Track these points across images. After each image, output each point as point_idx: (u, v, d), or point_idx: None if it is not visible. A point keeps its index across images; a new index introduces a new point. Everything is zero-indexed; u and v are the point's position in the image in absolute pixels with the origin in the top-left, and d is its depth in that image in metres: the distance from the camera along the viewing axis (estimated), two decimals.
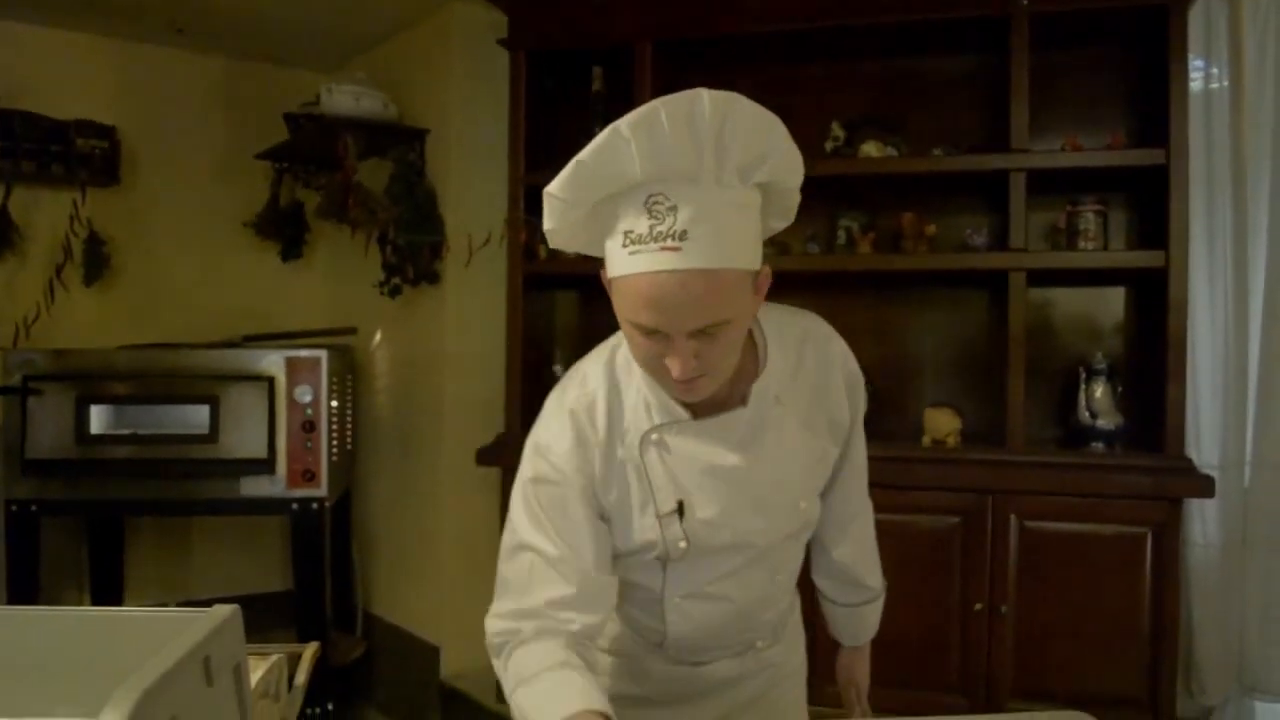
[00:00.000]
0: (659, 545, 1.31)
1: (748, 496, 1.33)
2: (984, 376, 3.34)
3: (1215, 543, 3.47)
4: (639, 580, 1.39)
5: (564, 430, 1.30)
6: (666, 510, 1.30)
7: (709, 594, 1.38)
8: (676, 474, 1.30)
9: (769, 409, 1.33)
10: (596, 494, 1.30)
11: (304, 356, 3.29)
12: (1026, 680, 2.97)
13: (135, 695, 0.69)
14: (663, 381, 1.23)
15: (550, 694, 1.16)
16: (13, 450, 3.22)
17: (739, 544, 1.36)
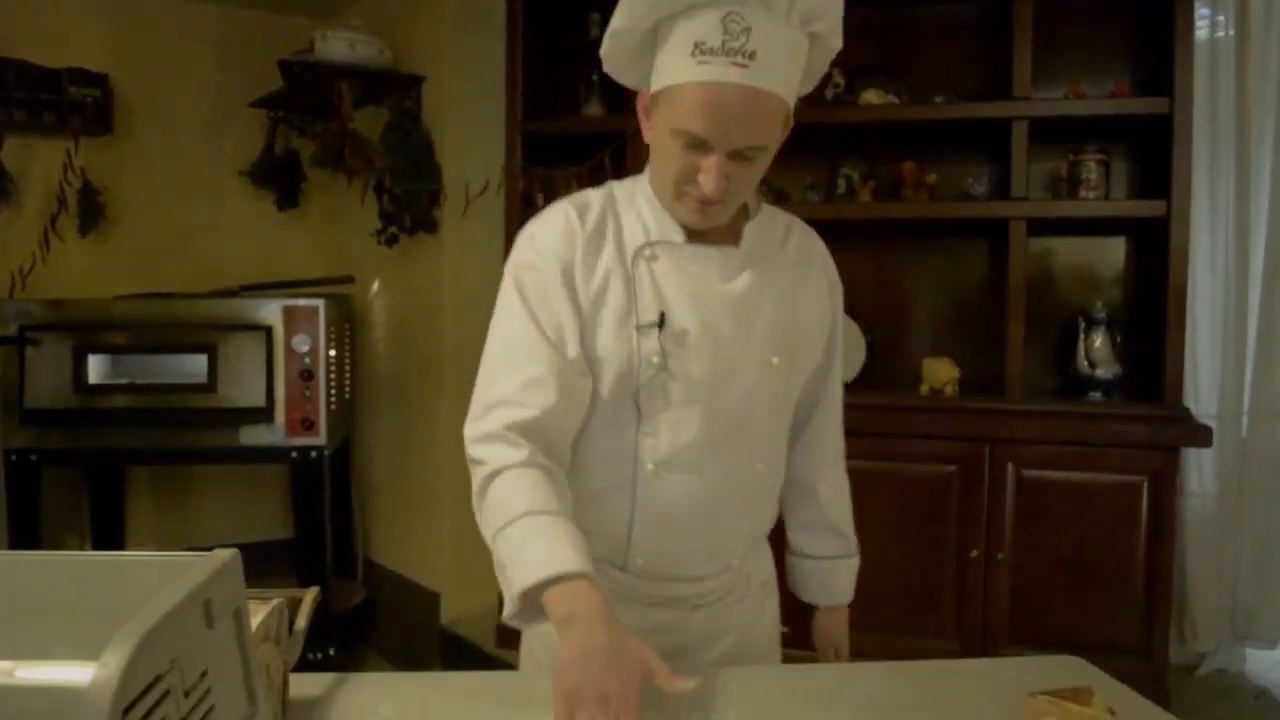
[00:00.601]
0: (634, 359, 1.30)
1: (729, 329, 1.33)
2: (983, 326, 3.34)
3: (1211, 492, 3.49)
4: (611, 447, 1.34)
5: (553, 220, 1.36)
6: (647, 320, 1.30)
7: (683, 463, 1.33)
8: (663, 291, 1.32)
9: (758, 259, 1.37)
10: (575, 283, 1.31)
11: (301, 306, 3.28)
12: (1021, 627, 2.99)
13: (136, 638, 0.69)
14: (680, 201, 1.30)
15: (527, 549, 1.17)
16: (11, 400, 3.22)
17: (717, 381, 1.32)
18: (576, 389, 1.30)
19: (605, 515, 1.36)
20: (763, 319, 1.36)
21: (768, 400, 1.40)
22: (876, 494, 3.06)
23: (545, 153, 3.38)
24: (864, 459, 3.06)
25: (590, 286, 1.32)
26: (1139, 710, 1.22)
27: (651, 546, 1.37)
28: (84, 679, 0.66)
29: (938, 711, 1.21)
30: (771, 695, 1.24)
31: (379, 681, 1.30)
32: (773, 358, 1.37)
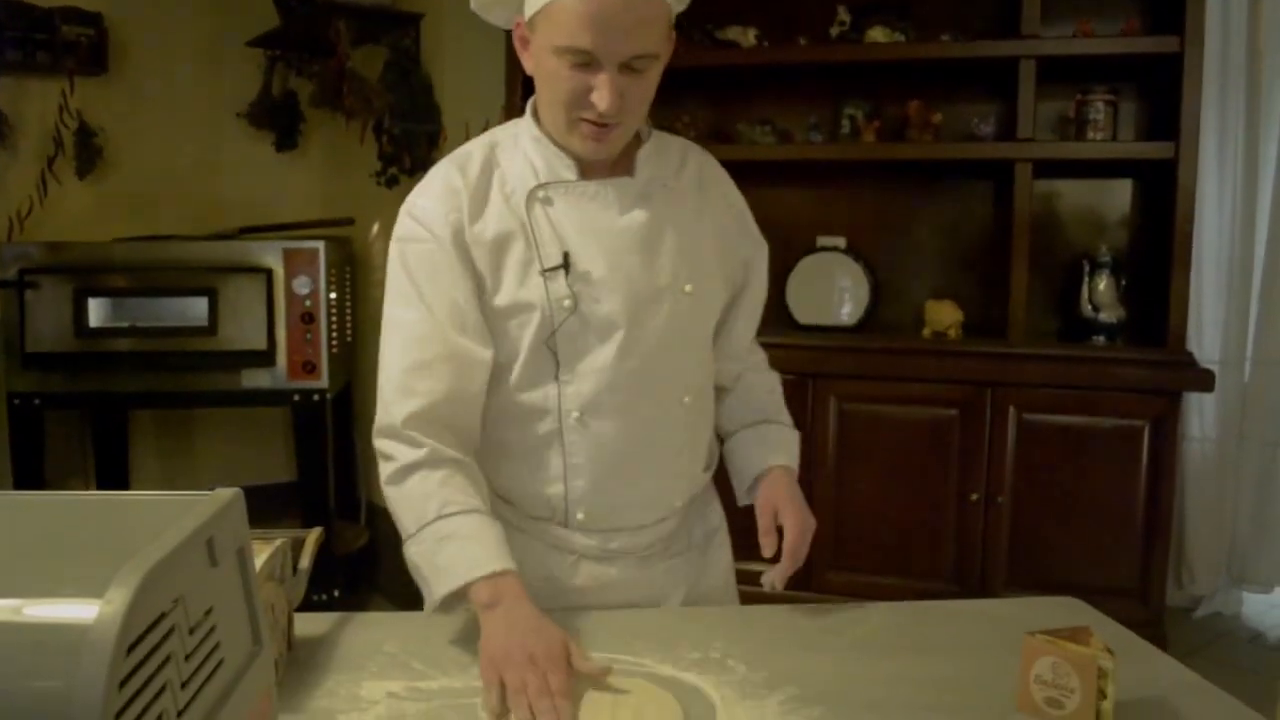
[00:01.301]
0: (543, 305, 1.28)
1: (635, 261, 1.31)
2: (987, 269, 3.32)
3: (1211, 437, 3.50)
4: (533, 402, 1.32)
5: (433, 183, 1.32)
6: (551, 264, 1.28)
7: (608, 406, 1.31)
8: (563, 233, 1.30)
9: (655, 187, 1.34)
10: (466, 243, 1.28)
11: (301, 248, 3.26)
12: (1020, 570, 3.02)
13: (139, 575, 0.69)
14: (573, 131, 1.26)
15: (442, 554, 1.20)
16: (12, 344, 3.21)
17: (631, 317, 1.30)
18: (472, 365, 1.28)
19: (539, 473, 1.35)
20: (668, 248, 1.33)
21: (685, 330, 1.36)
22: (877, 437, 3.07)
23: None
24: (865, 402, 3.11)
25: (484, 243, 1.29)
26: (1136, 650, 1.23)
27: (589, 498, 1.35)
28: (88, 616, 0.65)
29: (936, 651, 1.22)
30: (768, 634, 1.25)
31: (382, 620, 1.31)
32: (685, 285, 1.34)
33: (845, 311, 3.32)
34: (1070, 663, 1.03)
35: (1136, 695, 1.07)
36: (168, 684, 0.73)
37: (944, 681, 1.13)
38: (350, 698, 1.07)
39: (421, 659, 1.16)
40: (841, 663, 1.18)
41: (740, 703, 1.07)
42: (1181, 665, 1.21)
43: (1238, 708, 1.09)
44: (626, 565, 1.40)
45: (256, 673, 0.91)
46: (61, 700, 0.62)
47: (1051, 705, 1.04)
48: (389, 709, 1.05)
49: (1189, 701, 1.10)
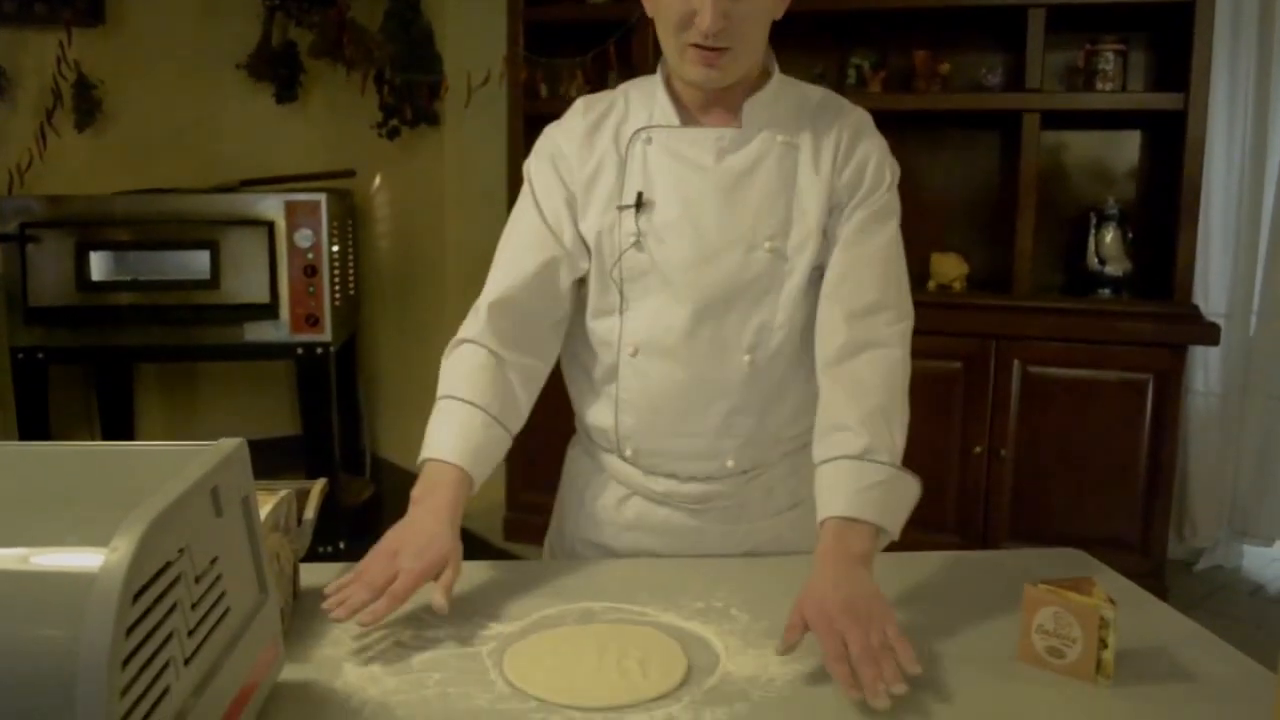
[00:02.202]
0: (613, 238, 1.32)
1: (711, 212, 1.30)
2: (993, 221, 3.30)
3: (1216, 390, 3.49)
4: (602, 331, 1.36)
5: (566, 114, 1.41)
6: (628, 202, 1.32)
7: (661, 348, 1.33)
8: (651, 173, 1.32)
9: (762, 136, 1.32)
10: (572, 167, 1.35)
11: (303, 200, 3.24)
12: (1022, 522, 3.03)
13: (144, 523, 0.69)
14: (684, 57, 1.26)
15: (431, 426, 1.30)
16: (15, 298, 3.21)
17: (695, 263, 1.29)
18: (560, 265, 1.35)
19: (600, 404, 1.40)
20: (756, 201, 1.31)
21: (754, 285, 1.32)
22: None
23: (548, 42, 3.30)
24: None
25: (584, 171, 1.35)
26: (1138, 601, 1.24)
27: (636, 435, 1.38)
28: (94, 565, 0.66)
29: (938, 601, 1.23)
30: (771, 584, 1.25)
31: None
32: (765, 241, 1.30)
33: None
34: (1072, 612, 1.04)
35: (1138, 645, 1.08)
36: (174, 632, 0.74)
37: (946, 631, 1.14)
38: (356, 646, 1.08)
39: (426, 608, 1.17)
40: None
41: (744, 651, 1.08)
42: (1183, 616, 1.22)
43: (1238, 658, 1.10)
44: (675, 513, 1.40)
45: (262, 621, 0.92)
46: (68, 647, 0.63)
47: (1053, 654, 1.05)
48: (395, 657, 1.05)
49: (1190, 651, 1.10)
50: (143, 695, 0.68)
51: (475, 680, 1.01)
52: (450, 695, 0.98)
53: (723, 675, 1.03)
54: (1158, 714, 0.97)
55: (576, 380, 1.44)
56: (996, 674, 1.05)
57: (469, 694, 0.98)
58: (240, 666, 0.86)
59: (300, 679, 1.01)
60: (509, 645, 1.08)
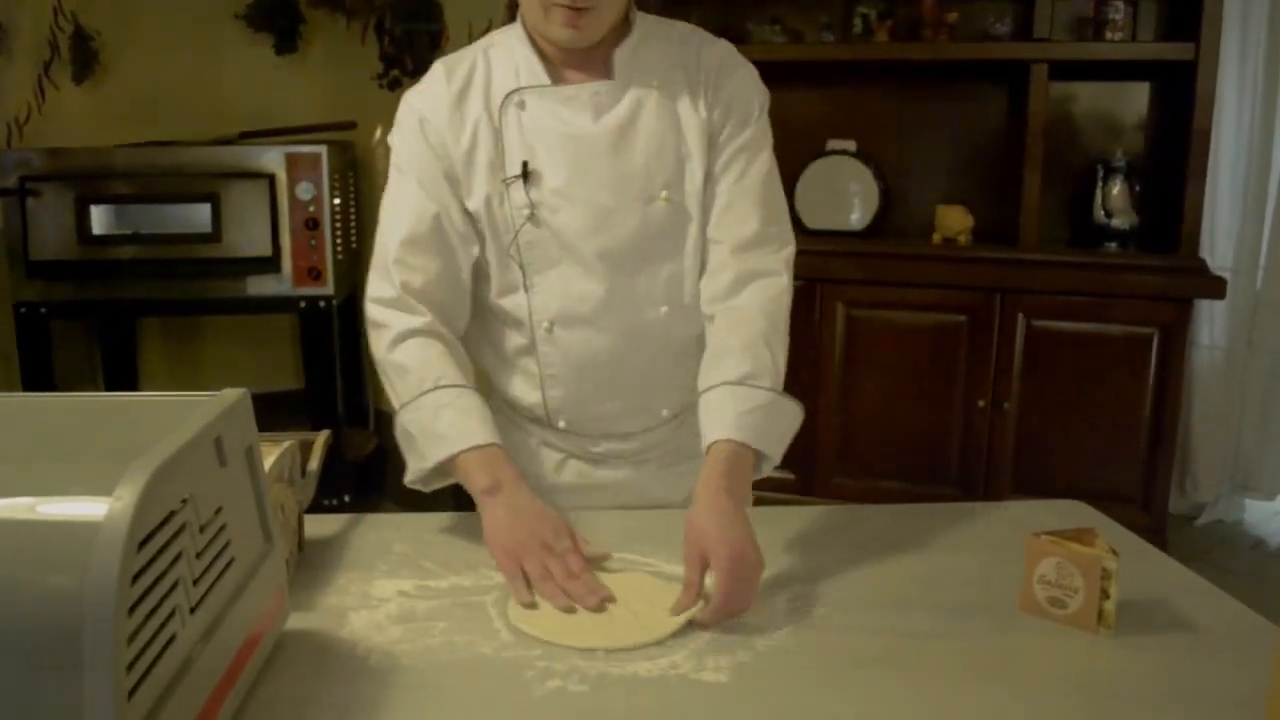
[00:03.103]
0: (504, 214, 1.28)
1: (602, 172, 1.27)
2: (999, 173, 3.27)
3: (1221, 345, 3.49)
4: (508, 311, 1.33)
5: (425, 83, 1.33)
6: (512, 174, 1.27)
7: (577, 318, 1.31)
8: (531, 140, 1.28)
9: (635, 87, 1.29)
10: (446, 144, 1.29)
11: (304, 153, 3.22)
12: (1025, 476, 3.04)
13: (148, 472, 0.69)
14: (548, 17, 1.22)
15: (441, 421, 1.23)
16: (16, 252, 3.20)
17: (594, 227, 1.27)
18: (458, 253, 1.30)
19: (519, 380, 1.37)
20: (643, 154, 1.28)
21: (660, 240, 1.31)
22: (884, 343, 3.07)
23: None
24: (873, 308, 3.09)
25: (460, 145, 1.29)
26: (1139, 552, 1.24)
27: (568, 407, 1.36)
28: (99, 514, 0.66)
29: (940, 552, 1.23)
30: (774, 535, 1.26)
31: (392, 522, 1.32)
32: (661, 193, 1.29)
33: (854, 216, 3.28)
34: (1074, 563, 1.04)
35: (1139, 596, 1.08)
36: (180, 580, 0.74)
37: (948, 582, 1.14)
38: (361, 596, 1.09)
39: (431, 558, 1.18)
40: (846, 563, 1.19)
41: None
42: (1184, 567, 1.22)
43: (1239, 609, 1.10)
44: (616, 468, 1.41)
45: (268, 571, 0.93)
46: (74, 595, 0.63)
47: (1054, 605, 1.05)
48: (400, 607, 1.06)
49: (1191, 602, 1.11)
50: (149, 642, 0.69)
51: (480, 629, 1.02)
52: (455, 643, 0.99)
53: (726, 625, 1.03)
54: (1158, 664, 0.98)
55: (487, 357, 1.40)
56: (998, 624, 1.05)
57: (473, 642, 0.99)
58: (246, 615, 0.87)
59: (306, 628, 1.02)
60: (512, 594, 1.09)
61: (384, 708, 0.88)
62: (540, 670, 0.94)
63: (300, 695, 0.90)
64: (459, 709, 0.88)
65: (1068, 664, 0.98)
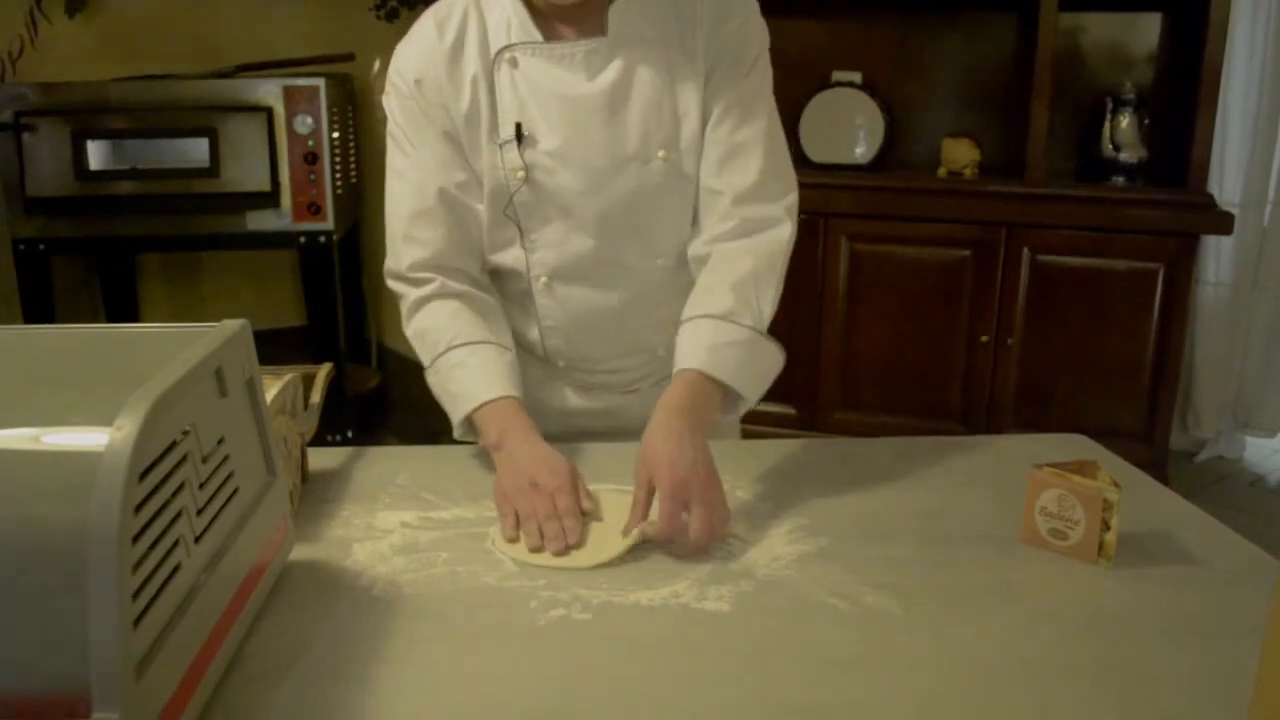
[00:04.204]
0: (499, 175, 1.26)
1: (598, 134, 1.25)
2: (1006, 106, 3.23)
3: (1226, 281, 3.47)
4: (504, 262, 1.33)
5: (415, 38, 1.29)
6: (505, 137, 1.25)
7: (576, 274, 1.30)
8: (524, 99, 1.25)
9: (630, 43, 1.25)
10: (446, 102, 1.26)
11: (301, 85, 3.17)
12: (1027, 411, 3.04)
13: (148, 403, 0.69)
14: None
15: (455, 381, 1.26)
16: (13, 189, 3.17)
17: (590, 189, 1.26)
18: (467, 213, 1.30)
19: (522, 317, 1.38)
20: (639, 113, 1.25)
21: (657, 198, 1.28)
22: (888, 277, 3.05)
23: None
24: (877, 242, 3.07)
25: (460, 104, 1.26)
26: (1141, 485, 1.24)
27: (565, 351, 1.39)
28: (100, 444, 0.66)
29: (942, 484, 1.24)
30: (775, 467, 1.26)
31: (395, 454, 1.33)
32: (658, 152, 1.26)
33: (859, 149, 3.25)
34: (1076, 495, 1.04)
35: (1139, 528, 1.08)
36: (183, 510, 0.74)
37: (949, 513, 1.15)
38: (365, 527, 1.09)
39: (434, 491, 1.18)
40: (848, 494, 1.19)
41: (748, 531, 1.09)
42: (1185, 501, 1.22)
43: (1239, 542, 1.11)
44: (612, 396, 1.43)
45: (271, 502, 0.93)
46: (77, 525, 0.63)
47: (1055, 536, 1.06)
48: (403, 538, 1.07)
49: (1191, 535, 1.11)
50: (154, 571, 0.69)
51: (482, 559, 1.03)
52: (458, 573, 0.99)
53: (727, 555, 1.04)
54: (1158, 595, 0.98)
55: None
56: (999, 554, 1.06)
57: (477, 572, 1.00)
58: (250, 545, 0.87)
59: (311, 558, 1.02)
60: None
61: (388, 636, 0.88)
62: (544, 600, 0.95)
63: (305, 624, 0.90)
64: (463, 637, 0.89)
65: (1068, 595, 0.99)
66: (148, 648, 0.67)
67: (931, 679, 0.83)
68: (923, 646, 0.88)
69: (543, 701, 0.80)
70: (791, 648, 0.88)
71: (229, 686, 0.80)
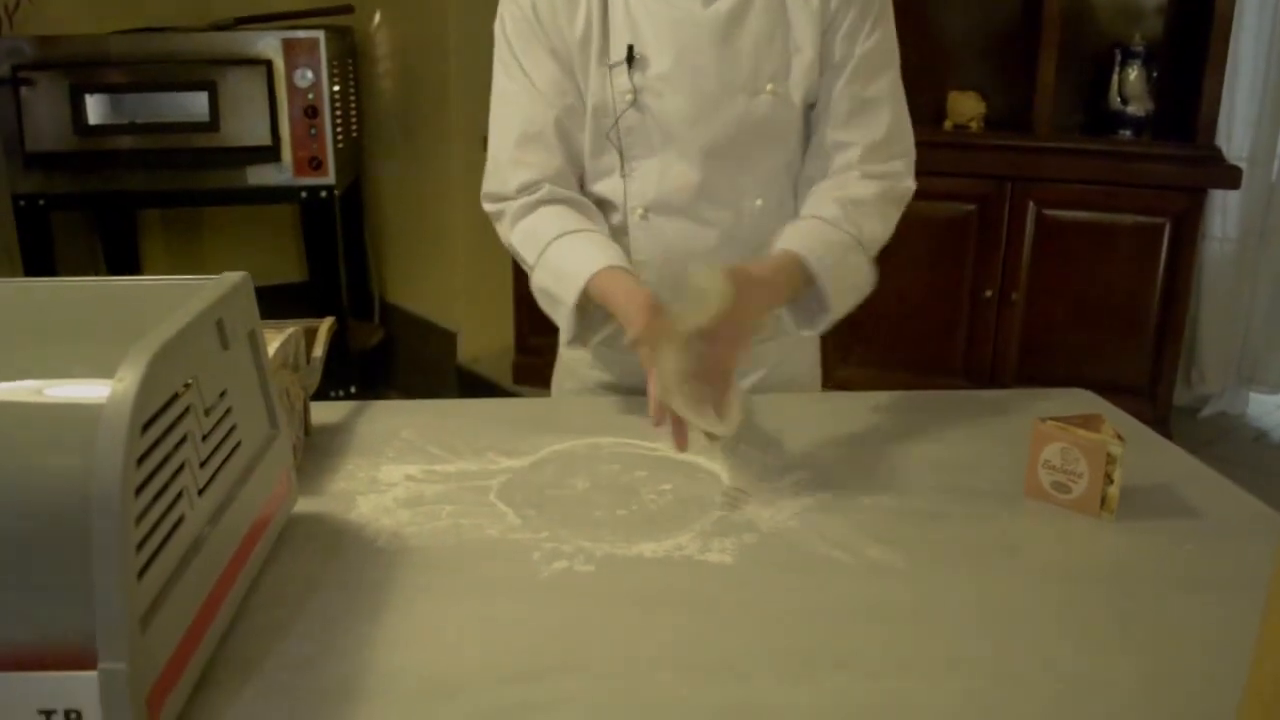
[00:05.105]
0: (607, 97, 1.26)
1: (709, 60, 1.24)
2: (1014, 59, 3.19)
3: (1233, 237, 3.45)
4: (603, 192, 1.32)
5: None
6: (616, 59, 1.25)
7: (672, 206, 1.29)
8: (637, 21, 1.25)
9: None
10: (560, 23, 1.26)
11: (301, 38, 3.14)
12: (1030, 366, 3.04)
13: (149, 354, 0.68)
14: None
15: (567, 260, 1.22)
16: (12, 144, 3.15)
17: (697, 115, 1.25)
18: (573, 142, 1.29)
19: None
20: (751, 42, 1.25)
21: (762, 132, 1.28)
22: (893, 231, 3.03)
23: None
24: None
25: (575, 28, 1.25)
26: (1144, 440, 1.24)
27: (655, 288, 1.32)
28: (102, 395, 0.65)
29: (946, 437, 1.24)
30: (781, 421, 1.26)
31: (399, 408, 1.32)
32: (766, 84, 1.26)
33: None
34: (1079, 448, 1.04)
35: (1142, 482, 1.08)
36: (186, 462, 0.74)
37: (954, 466, 1.15)
38: (369, 481, 1.09)
39: (438, 444, 1.18)
40: (851, 448, 1.19)
41: (753, 484, 1.09)
42: (1187, 454, 1.22)
43: (1241, 495, 1.11)
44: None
45: (274, 455, 0.93)
46: (80, 477, 0.63)
47: (1058, 489, 1.06)
48: (407, 491, 1.07)
49: (1194, 489, 1.11)
50: (158, 523, 0.69)
51: (486, 512, 1.03)
52: (462, 526, 1.00)
53: (731, 507, 1.04)
54: (1160, 549, 0.99)
55: None
56: (1002, 507, 1.06)
57: (480, 525, 1.00)
58: (254, 498, 0.87)
59: (314, 511, 1.02)
60: (519, 480, 1.10)
61: (392, 588, 0.89)
62: (547, 552, 0.95)
63: (309, 576, 0.91)
64: (467, 589, 0.89)
65: (1070, 547, 0.99)
66: (153, 599, 0.68)
67: (933, 631, 0.84)
68: (925, 599, 0.89)
69: (546, 653, 0.80)
70: (794, 600, 0.88)
71: (234, 638, 0.81)
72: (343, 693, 0.75)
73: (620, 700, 0.75)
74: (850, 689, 0.76)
